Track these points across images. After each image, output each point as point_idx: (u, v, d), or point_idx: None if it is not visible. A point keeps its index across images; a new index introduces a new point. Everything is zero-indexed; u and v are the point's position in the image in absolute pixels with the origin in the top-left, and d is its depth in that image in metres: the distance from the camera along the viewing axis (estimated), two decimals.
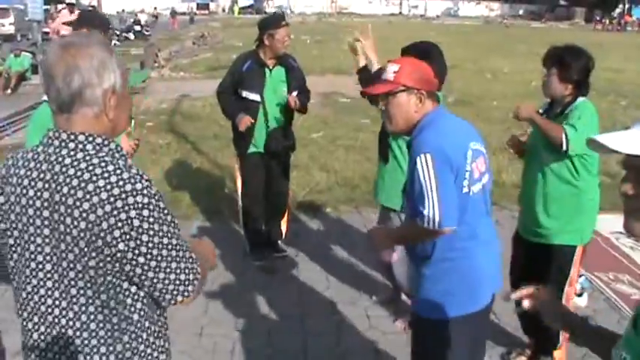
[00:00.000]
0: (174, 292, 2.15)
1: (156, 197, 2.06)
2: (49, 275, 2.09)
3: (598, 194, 4.34)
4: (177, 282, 2.14)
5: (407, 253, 3.56)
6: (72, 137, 2.04)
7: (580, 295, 5.38)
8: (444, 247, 3.16)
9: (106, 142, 2.08)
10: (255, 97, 6.01)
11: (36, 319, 2.14)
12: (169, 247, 2.10)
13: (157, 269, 2.08)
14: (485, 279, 3.30)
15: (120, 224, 1.99)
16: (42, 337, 2.14)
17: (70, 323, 2.10)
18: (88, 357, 2.12)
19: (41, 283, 2.10)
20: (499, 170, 9.41)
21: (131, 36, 40.47)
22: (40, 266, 2.09)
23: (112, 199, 1.98)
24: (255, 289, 5.69)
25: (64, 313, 2.10)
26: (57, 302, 2.10)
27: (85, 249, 2.01)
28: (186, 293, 2.17)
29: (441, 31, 46.64)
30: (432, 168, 2.98)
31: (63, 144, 2.04)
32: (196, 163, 10.03)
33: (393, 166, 4.89)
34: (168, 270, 2.11)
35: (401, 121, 3.21)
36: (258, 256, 6.37)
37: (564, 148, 4.00)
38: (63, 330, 2.11)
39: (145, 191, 2.03)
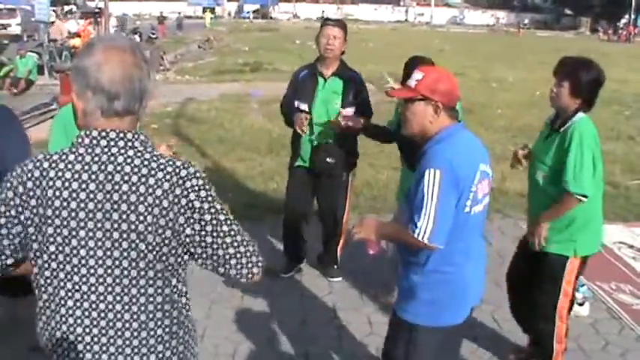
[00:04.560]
0: (250, 265, 2.21)
1: (207, 180, 2.14)
2: (101, 280, 2.07)
3: (595, 207, 4.31)
4: (249, 254, 2.20)
5: (400, 257, 3.60)
6: (121, 135, 2.08)
7: (582, 304, 5.39)
8: (439, 260, 3.23)
9: (146, 139, 2.13)
10: (304, 107, 5.68)
11: (79, 330, 2.10)
12: (229, 222, 2.16)
13: (225, 246, 2.14)
14: (470, 294, 3.39)
15: (182, 210, 2.06)
16: (88, 347, 2.11)
17: (127, 325, 2.10)
18: (145, 357, 2.14)
19: (92, 288, 2.08)
20: (503, 178, 9.40)
21: (137, 38, 40.52)
22: (92, 271, 2.07)
23: (172, 188, 2.05)
24: (257, 293, 5.70)
25: (118, 316, 2.09)
26: (110, 306, 2.09)
27: (154, 242, 2.05)
28: (259, 264, 2.24)
29: (445, 38, 46.69)
30: (438, 184, 3.06)
31: (112, 143, 2.06)
32: (200, 166, 10.02)
33: None
34: (236, 244, 2.16)
35: (415, 127, 3.31)
36: (284, 268, 6.17)
37: (585, 200, 4.06)
38: (119, 333, 2.10)
39: (197, 174, 2.12)
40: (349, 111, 5.57)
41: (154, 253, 2.07)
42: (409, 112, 3.30)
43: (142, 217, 2.04)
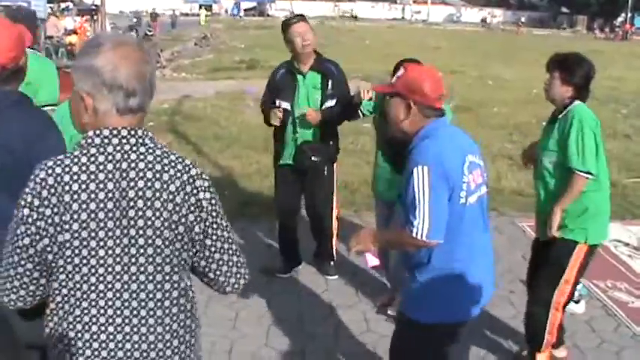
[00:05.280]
0: (238, 276, 2.26)
1: (210, 182, 2.18)
2: (118, 277, 2.07)
3: (605, 196, 4.42)
4: (239, 264, 2.25)
5: (401, 258, 3.60)
6: (132, 133, 2.08)
7: (577, 302, 5.40)
8: (443, 257, 3.21)
9: (153, 136, 2.14)
10: (286, 105, 5.63)
11: (95, 328, 2.08)
12: (227, 228, 2.22)
13: (222, 251, 2.19)
14: (478, 290, 3.36)
15: (192, 208, 2.09)
16: (104, 344, 2.09)
17: (143, 321, 2.11)
18: (161, 352, 2.15)
19: (109, 286, 2.07)
20: (499, 177, 9.43)
21: (134, 35, 40.46)
22: (110, 269, 2.06)
23: (184, 185, 2.08)
24: (254, 291, 5.70)
25: (135, 312, 2.09)
26: (127, 304, 2.09)
27: (169, 238, 2.08)
28: (246, 276, 2.29)
29: (442, 36, 46.68)
30: (428, 180, 3.06)
31: (124, 140, 2.07)
32: (197, 163, 9.99)
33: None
34: (231, 252, 2.22)
35: (392, 124, 3.34)
36: (282, 269, 6.17)
37: (591, 177, 4.18)
38: (135, 329, 2.10)
39: (204, 175, 2.16)
40: (310, 111, 5.57)
41: (170, 248, 2.09)
42: (387, 107, 3.37)
43: (157, 213, 2.05)
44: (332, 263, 6.23)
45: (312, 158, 5.69)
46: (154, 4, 67.05)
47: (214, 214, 2.16)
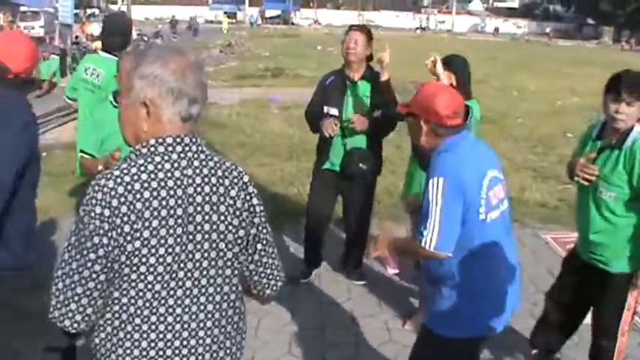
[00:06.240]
0: (277, 278, 2.37)
1: None
2: (180, 283, 2.10)
3: None
4: (279, 268, 2.35)
5: (425, 273, 3.62)
6: (193, 140, 2.13)
7: None
8: (464, 272, 3.22)
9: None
10: (335, 112, 5.66)
11: (153, 335, 2.07)
12: (271, 233, 2.30)
13: (268, 255, 2.29)
14: (501, 305, 3.35)
15: (248, 213, 2.18)
16: (161, 352, 2.09)
17: (201, 325, 2.15)
18: (215, 354, 2.22)
19: (171, 292, 2.09)
20: (522, 188, 9.40)
21: (159, 41, 40.73)
22: (174, 275, 2.08)
23: (241, 191, 2.17)
24: (276, 299, 5.68)
25: (193, 317, 2.13)
26: (187, 309, 2.12)
27: (231, 241, 2.17)
28: (283, 279, 2.40)
29: (466, 46, 46.49)
30: (442, 192, 3.07)
31: (187, 148, 2.11)
32: None
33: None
34: (274, 256, 2.32)
35: (413, 138, 3.42)
36: (303, 273, 6.20)
37: None
38: (192, 333, 2.13)
39: (251, 182, 2.23)
40: (356, 117, 5.56)
41: (232, 251, 2.17)
42: (408, 125, 3.41)
43: (222, 217, 2.12)
44: (359, 270, 6.27)
45: (361, 165, 5.71)
46: (178, 11, 67.63)
47: (263, 219, 2.25)
